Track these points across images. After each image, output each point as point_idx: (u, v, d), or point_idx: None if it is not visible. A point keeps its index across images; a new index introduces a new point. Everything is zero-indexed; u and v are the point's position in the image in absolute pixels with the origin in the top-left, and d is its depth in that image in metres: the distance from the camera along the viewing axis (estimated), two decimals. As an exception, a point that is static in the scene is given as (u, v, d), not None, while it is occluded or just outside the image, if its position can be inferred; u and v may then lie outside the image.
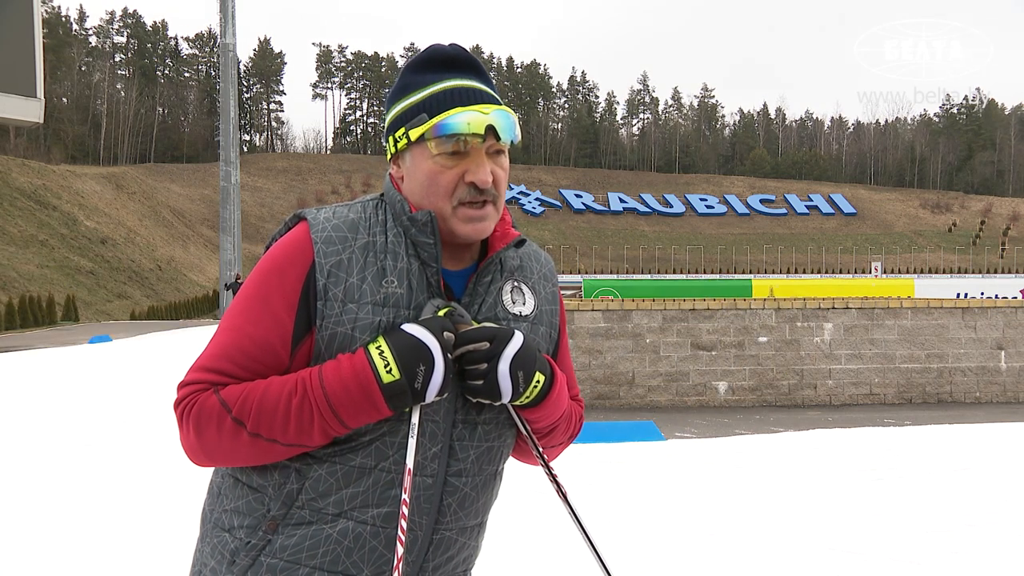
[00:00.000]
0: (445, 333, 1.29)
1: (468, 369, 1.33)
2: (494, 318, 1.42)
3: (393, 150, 1.42)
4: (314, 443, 1.29)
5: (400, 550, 1.29)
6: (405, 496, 1.30)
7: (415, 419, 1.31)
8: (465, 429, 1.39)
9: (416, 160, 1.38)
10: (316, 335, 1.32)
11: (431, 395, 1.28)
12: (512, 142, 1.39)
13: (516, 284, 1.47)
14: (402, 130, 1.39)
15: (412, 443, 1.31)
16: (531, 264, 1.52)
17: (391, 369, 1.26)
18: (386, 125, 1.45)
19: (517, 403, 1.39)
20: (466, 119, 1.33)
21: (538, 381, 1.38)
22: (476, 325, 1.36)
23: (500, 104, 1.38)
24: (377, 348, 1.28)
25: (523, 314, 1.46)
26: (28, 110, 6.16)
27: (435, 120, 1.34)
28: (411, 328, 1.29)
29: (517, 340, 1.35)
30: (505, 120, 1.36)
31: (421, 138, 1.36)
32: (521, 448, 1.53)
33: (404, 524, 1.30)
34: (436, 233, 1.36)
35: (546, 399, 1.42)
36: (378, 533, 1.33)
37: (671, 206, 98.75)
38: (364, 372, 1.26)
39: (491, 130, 1.35)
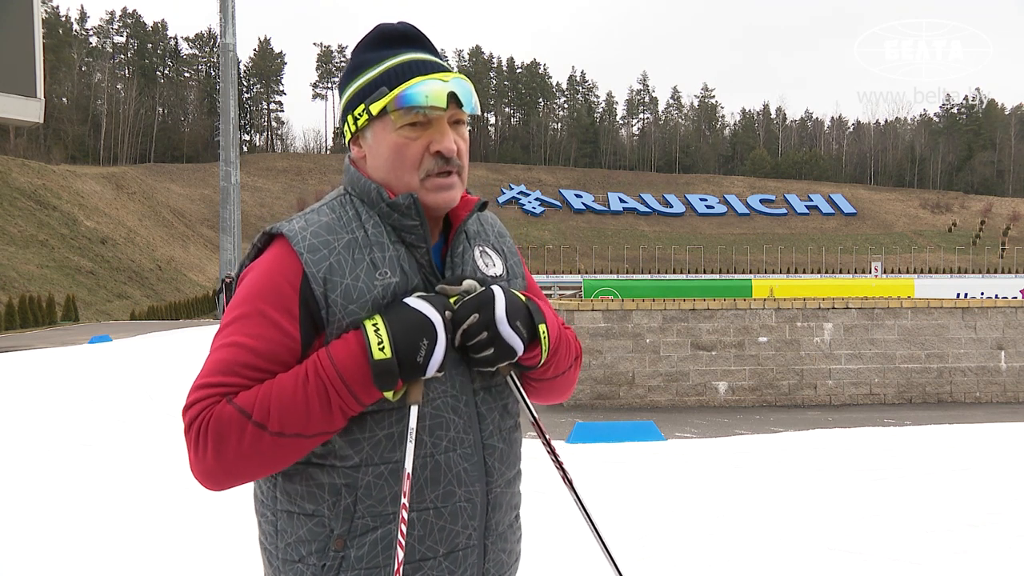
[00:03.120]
0: (445, 311, 1.32)
1: (473, 344, 1.35)
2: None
3: (353, 128, 1.42)
4: (336, 426, 1.29)
5: (400, 555, 1.30)
6: (405, 501, 1.29)
7: (413, 423, 1.31)
8: (487, 395, 1.44)
9: (378, 135, 1.39)
10: (326, 340, 1.32)
11: (432, 369, 1.29)
12: (472, 112, 1.40)
13: (483, 249, 1.51)
14: (362, 106, 1.38)
15: (410, 447, 1.31)
16: (486, 227, 1.56)
17: (384, 347, 1.26)
18: (342, 106, 1.44)
19: (543, 360, 1.44)
20: (427, 88, 1.34)
21: (544, 332, 1.43)
22: (459, 288, 1.37)
23: (458, 73, 1.40)
24: (373, 325, 1.29)
25: (497, 275, 1.50)
26: (28, 110, 6.17)
27: (396, 91, 1.35)
28: (414, 302, 1.31)
29: (499, 295, 1.37)
30: (464, 88, 1.38)
31: (383, 112, 1.36)
32: (541, 392, 1.56)
33: (404, 528, 1.30)
34: (421, 214, 1.37)
35: (559, 344, 1.49)
36: (441, 513, 1.36)
37: (671, 206, 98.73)
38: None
39: (453, 98, 1.36)
